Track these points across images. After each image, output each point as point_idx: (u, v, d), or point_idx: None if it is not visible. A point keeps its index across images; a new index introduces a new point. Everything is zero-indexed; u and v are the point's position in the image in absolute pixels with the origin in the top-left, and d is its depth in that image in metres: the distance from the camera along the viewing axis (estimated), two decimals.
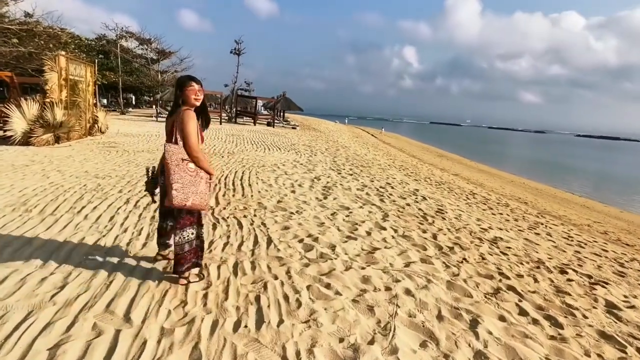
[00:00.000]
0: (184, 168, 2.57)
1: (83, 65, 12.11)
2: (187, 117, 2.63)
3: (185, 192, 2.54)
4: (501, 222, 6.73)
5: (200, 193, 2.62)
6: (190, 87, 2.70)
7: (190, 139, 2.60)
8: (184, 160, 2.60)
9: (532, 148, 58.50)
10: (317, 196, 6.43)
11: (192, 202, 2.57)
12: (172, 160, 2.56)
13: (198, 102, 2.75)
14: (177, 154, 2.58)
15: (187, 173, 2.57)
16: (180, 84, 2.73)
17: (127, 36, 33.22)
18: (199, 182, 2.64)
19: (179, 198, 2.53)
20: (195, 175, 2.62)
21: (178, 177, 2.54)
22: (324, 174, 8.78)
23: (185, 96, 2.70)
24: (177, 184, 2.53)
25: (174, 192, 2.52)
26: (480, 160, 30.89)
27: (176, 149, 2.60)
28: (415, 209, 6.57)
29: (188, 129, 2.61)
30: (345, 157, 13.07)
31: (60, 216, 4.27)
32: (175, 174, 2.54)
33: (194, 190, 2.58)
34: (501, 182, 18.86)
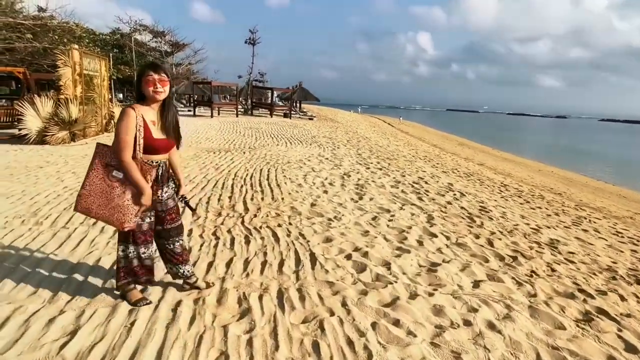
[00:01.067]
0: (103, 174, 2.18)
1: (98, 60, 11.64)
2: (123, 114, 2.16)
3: (90, 202, 2.18)
4: (545, 219, 6.10)
5: (114, 207, 2.18)
6: (148, 77, 2.19)
7: (118, 142, 2.13)
8: (109, 167, 2.19)
9: (555, 134, 56.46)
10: (351, 196, 5.82)
11: (97, 213, 2.19)
12: (93, 162, 2.20)
13: (159, 96, 2.24)
14: (103, 157, 2.20)
15: (104, 181, 2.18)
16: (138, 73, 2.26)
17: (141, 29, 32.81)
18: (117, 196, 2.18)
19: (80, 205, 2.20)
20: (116, 187, 2.18)
21: (88, 182, 2.19)
22: (352, 169, 8.15)
23: (144, 88, 2.22)
24: (83, 190, 2.19)
25: (78, 198, 2.21)
26: (502, 148, 29.75)
27: (106, 152, 2.21)
28: (458, 208, 5.95)
29: (119, 129, 2.14)
30: (369, 149, 12.42)
31: (74, 229, 3.76)
32: (87, 178, 2.19)
33: (103, 203, 2.17)
34: (529, 171, 17.94)
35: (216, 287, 2.75)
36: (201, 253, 3.35)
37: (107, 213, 2.16)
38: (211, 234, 3.80)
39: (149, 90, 2.19)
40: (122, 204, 2.16)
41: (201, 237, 3.71)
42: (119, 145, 2.12)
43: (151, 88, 2.19)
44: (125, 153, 2.12)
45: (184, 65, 35.31)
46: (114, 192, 2.16)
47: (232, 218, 4.31)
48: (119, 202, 2.16)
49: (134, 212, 2.20)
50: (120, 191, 2.17)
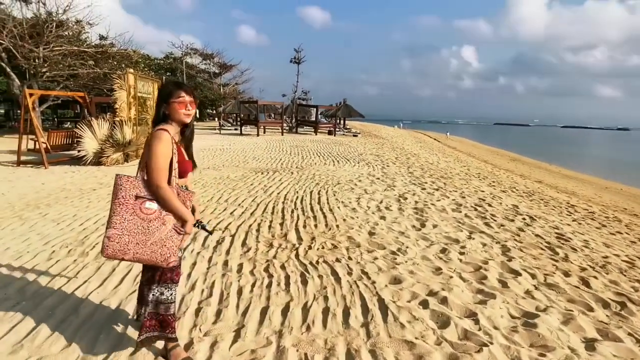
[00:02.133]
0: (134, 209, 1.84)
1: (151, 82, 11.92)
2: (157, 139, 1.87)
3: (124, 242, 1.80)
4: (631, 247, 5.21)
5: (154, 243, 1.84)
6: (179, 98, 1.94)
7: (154, 170, 1.84)
8: (139, 199, 1.85)
9: (617, 148, 51.93)
10: (412, 223, 5.22)
11: (134, 255, 1.82)
12: (118, 197, 1.84)
13: (188, 119, 2.00)
14: (130, 189, 1.85)
15: (137, 216, 1.84)
16: (165, 94, 1.98)
17: (192, 53, 34.24)
18: (157, 229, 1.85)
19: (111, 248, 1.80)
20: (153, 220, 1.86)
21: (119, 220, 1.81)
22: (407, 190, 7.53)
23: (172, 110, 1.95)
24: (114, 230, 1.80)
25: (106, 241, 1.80)
26: (560, 163, 27.62)
27: (129, 183, 1.86)
28: (533, 236, 5.18)
29: (155, 155, 1.84)
30: (420, 167, 11.71)
31: (118, 263, 3.46)
32: (115, 215, 1.82)
33: (141, 240, 1.82)
34: (594, 189, 16.29)
35: (273, 346, 2.27)
36: (253, 295, 2.91)
37: (148, 251, 1.84)
38: (263, 270, 3.37)
39: (179, 113, 1.94)
40: (164, 238, 1.86)
41: (252, 274, 3.28)
42: (156, 172, 1.84)
43: (183, 110, 1.95)
44: (163, 179, 1.86)
45: (231, 85, 36.32)
46: (152, 226, 1.85)
47: (285, 250, 3.86)
48: (160, 236, 1.85)
49: (177, 244, 1.91)
50: (159, 223, 1.86)
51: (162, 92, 1.99)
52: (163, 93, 1.98)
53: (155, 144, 1.84)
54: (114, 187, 1.86)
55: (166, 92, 1.97)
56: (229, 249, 3.86)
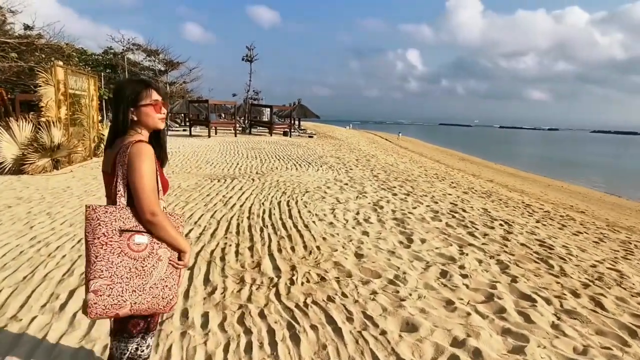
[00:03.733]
0: (121, 247, 1.40)
1: (85, 78, 10.38)
2: (141, 154, 1.43)
3: (117, 293, 1.38)
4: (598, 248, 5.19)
5: (154, 287, 1.44)
6: (152, 100, 1.53)
7: (146, 194, 1.41)
8: (125, 233, 1.42)
9: (551, 146, 55.70)
10: (398, 238, 4.58)
11: (132, 307, 1.40)
12: (97, 235, 1.39)
13: (162, 124, 1.59)
14: (111, 222, 1.40)
15: (127, 256, 1.40)
16: (131, 96, 1.51)
17: (134, 48, 31.67)
18: (154, 268, 1.44)
19: (101, 305, 1.36)
20: (147, 257, 1.43)
21: (105, 266, 1.38)
22: (379, 197, 6.94)
23: (143, 115, 1.52)
24: (101, 281, 1.37)
25: (92, 297, 1.36)
26: (503, 162, 28.85)
27: (109, 215, 1.40)
28: (518, 245, 4.91)
29: (142, 176, 1.41)
30: (382, 170, 11.27)
31: (32, 319, 2.44)
32: (99, 260, 1.38)
33: (138, 286, 1.41)
34: (539, 187, 16.93)
35: None
36: None
37: (148, 298, 1.43)
38: (237, 323, 2.51)
39: (154, 118, 1.53)
40: (164, 276, 1.47)
41: (223, 330, 2.41)
42: (147, 196, 1.42)
43: (157, 114, 1.54)
44: (157, 204, 1.44)
45: (179, 84, 34.14)
46: (147, 265, 1.44)
47: (262, 288, 3.01)
48: (159, 276, 1.46)
49: (177, 281, 1.52)
50: (154, 260, 1.45)
51: (125, 93, 1.50)
52: (128, 94, 1.50)
53: (140, 161, 1.41)
54: (89, 223, 1.39)
55: (133, 93, 1.50)
56: (188, 290, 2.94)
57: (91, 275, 1.37)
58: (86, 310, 1.37)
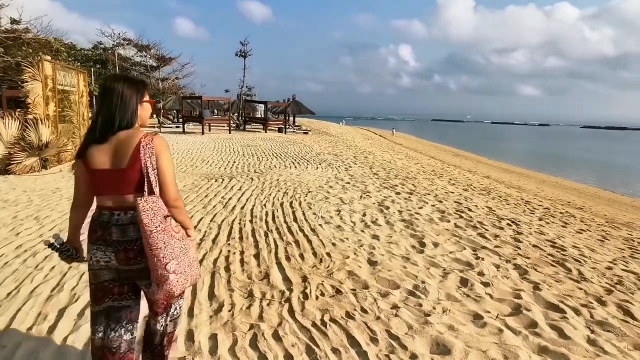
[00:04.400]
0: (168, 231, 1.47)
1: (74, 73, 9.95)
2: (167, 146, 1.54)
3: (184, 270, 1.48)
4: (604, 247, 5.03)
5: (194, 261, 1.56)
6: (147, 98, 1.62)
7: (174, 182, 1.54)
8: (168, 218, 1.50)
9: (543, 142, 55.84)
10: (410, 242, 4.33)
11: (192, 279, 1.53)
12: (157, 224, 1.43)
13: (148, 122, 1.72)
14: (159, 209, 1.45)
15: (175, 238, 1.49)
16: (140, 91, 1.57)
17: (125, 44, 30.93)
18: (189, 246, 1.56)
19: (181, 282, 1.47)
20: (183, 237, 1.55)
21: (170, 249, 1.45)
22: (384, 197, 6.69)
23: (144, 111, 1.60)
24: (174, 262, 1.45)
25: (172, 277, 1.43)
26: (497, 158, 28.85)
27: (155, 204, 1.45)
28: (531, 247, 4.69)
29: (171, 167, 1.53)
30: (382, 167, 11.04)
31: (18, 346, 2.14)
32: (167, 247, 1.44)
33: (188, 262, 1.51)
34: (535, 183, 16.86)
35: None
36: None
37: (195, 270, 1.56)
38: (249, 347, 2.23)
39: (148, 115, 1.64)
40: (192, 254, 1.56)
41: (235, 357, 2.13)
42: (175, 184, 1.55)
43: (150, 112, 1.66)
44: (178, 192, 1.57)
45: (171, 80, 33.49)
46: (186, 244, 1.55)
47: (274, 303, 2.73)
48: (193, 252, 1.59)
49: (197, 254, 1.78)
50: (186, 240, 1.57)
51: (137, 88, 1.57)
52: (138, 90, 1.57)
53: (168, 152, 1.54)
54: (145, 215, 1.41)
55: (143, 88, 1.60)
56: (192, 306, 2.65)
57: (167, 259, 1.43)
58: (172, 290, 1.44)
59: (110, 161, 1.46)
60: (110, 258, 1.48)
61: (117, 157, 1.46)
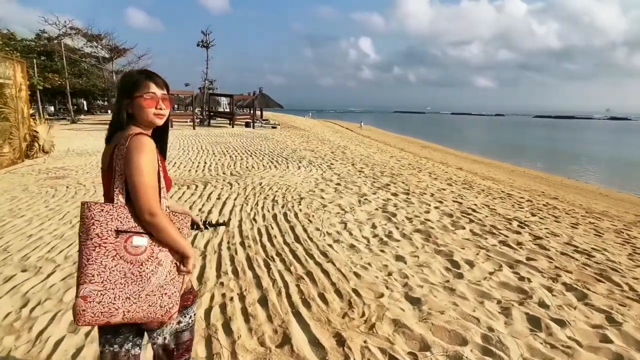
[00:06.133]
0: (117, 249, 1.18)
1: (8, 63, 8.32)
2: (139, 147, 1.23)
3: (109, 300, 1.14)
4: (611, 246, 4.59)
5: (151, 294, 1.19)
6: (147, 94, 1.30)
7: (145, 191, 1.20)
8: (122, 234, 1.19)
9: (500, 131, 57.41)
10: (441, 263, 3.55)
11: (125, 315, 1.17)
12: (91, 236, 1.17)
13: (160, 121, 1.34)
14: (106, 222, 1.18)
15: (123, 259, 1.17)
16: (127, 86, 1.32)
17: (73, 33, 28.07)
18: (152, 273, 1.21)
19: (90, 312, 1.13)
20: (145, 261, 1.20)
21: (97, 270, 1.15)
22: (383, 200, 5.91)
23: (137, 108, 1.30)
24: (91, 286, 1.14)
25: (80, 303, 1.13)
26: (463, 148, 29.06)
27: (105, 213, 1.18)
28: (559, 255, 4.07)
29: (140, 171, 1.21)
30: (363, 164, 10.31)
31: None
32: (91, 263, 1.15)
33: (134, 292, 1.17)
34: (504, 173, 16.83)
35: None
36: None
37: (144, 306, 1.18)
38: None
39: (147, 113, 1.30)
40: (164, 283, 1.22)
41: None
42: (146, 193, 1.20)
43: (152, 109, 1.30)
44: (156, 203, 1.22)
45: None
46: (145, 270, 1.19)
47: None
48: (158, 282, 1.21)
49: (179, 288, 1.27)
50: (154, 264, 1.21)
51: (123, 83, 1.34)
52: (125, 84, 1.33)
53: (138, 155, 1.22)
54: (83, 222, 1.18)
55: (129, 83, 1.32)
56: None
57: (81, 279, 1.16)
58: (75, 317, 1.14)
59: (104, 161, 1.32)
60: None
61: (106, 157, 1.31)
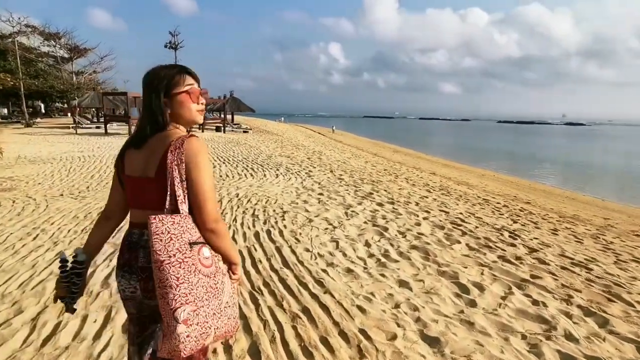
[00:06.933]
0: (195, 264, 1.04)
1: None
2: (202, 152, 1.13)
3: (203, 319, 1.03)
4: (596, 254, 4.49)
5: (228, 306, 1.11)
6: (186, 86, 1.19)
7: (212, 197, 1.12)
8: (195, 246, 1.07)
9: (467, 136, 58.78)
10: (449, 288, 3.17)
11: (216, 333, 1.06)
12: (171, 252, 1.02)
13: (201, 118, 1.26)
14: (181, 234, 1.04)
15: (201, 273, 1.05)
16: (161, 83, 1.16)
17: (28, 31, 26.15)
18: (223, 284, 1.11)
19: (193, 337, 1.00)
20: (216, 272, 1.10)
21: (187, 289, 1.02)
22: (370, 211, 5.54)
23: (179, 106, 1.18)
24: (188, 307, 1.00)
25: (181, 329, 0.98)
26: (432, 152, 29.40)
27: (177, 226, 1.05)
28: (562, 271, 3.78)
29: (206, 176, 1.12)
30: (341, 170, 9.96)
31: None
32: (182, 283, 1.01)
33: (217, 307, 1.07)
34: (476, 177, 17.03)
35: None
36: None
37: (225, 320, 1.09)
38: None
39: (191, 109, 1.19)
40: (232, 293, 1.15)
41: None
42: (212, 200, 1.11)
43: (195, 104, 1.21)
44: (218, 211, 1.14)
45: (87, 74, 29.19)
46: (218, 281, 1.09)
47: None
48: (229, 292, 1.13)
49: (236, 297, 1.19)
50: (220, 275, 1.11)
51: (157, 81, 1.16)
52: (160, 81, 1.16)
53: (203, 159, 1.12)
54: (158, 239, 1.01)
55: (165, 78, 1.16)
56: None
57: (177, 302, 1.00)
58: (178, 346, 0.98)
59: (141, 168, 1.16)
60: (136, 287, 1.12)
61: (146, 163, 1.15)
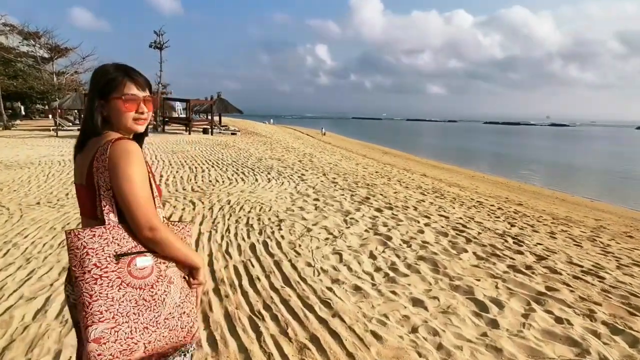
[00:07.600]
0: (121, 276, 0.98)
1: None
2: (128, 155, 1.03)
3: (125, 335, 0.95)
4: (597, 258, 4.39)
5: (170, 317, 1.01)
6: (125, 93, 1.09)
7: (140, 204, 1.00)
8: (123, 258, 0.99)
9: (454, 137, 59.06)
10: (466, 306, 2.92)
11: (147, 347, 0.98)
12: (87, 268, 0.97)
13: (141, 127, 1.14)
14: (102, 248, 0.98)
15: (130, 286, 0.97)
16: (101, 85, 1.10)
17: (7, 30, 25.14)
18: (166, 294, 1.02)
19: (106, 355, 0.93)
20: (156, 282, 1.00)
21: (103, 306, 0.95)
22: (370, 218, 5.27)
23: (115, 112, 1.10)
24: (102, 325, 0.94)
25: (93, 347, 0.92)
26: (421, 154, 29.41)
27: (98, 239, 0.98)
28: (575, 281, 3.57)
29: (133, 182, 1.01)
30: (335, 173, 9.68)
31: None
32: (95, 300, 0.95)
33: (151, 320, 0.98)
34: (466, 179, 16.98)
35: None
36: None
37: (165, 332, 0.99)
38: None
39: (126, 117, 1.10)
40: (180, 301, 1.04)
41: None
42: (143, 206, 1.00)
43: (132, 113, 1.10)
44: (155, 216, 1.02)
45: (69, 74, 28.25)
46: (157, 292, 1.00)
47: None
48: (174, 302, 1.02)
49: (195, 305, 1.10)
50: (165, 283, 1.02)
51: (97, 81, 1.10)
52: (99, 82, 1.09)
53: (127, 163, 1.01)
54: (73, 255, 0.96)
55: (104, 81, 1.09)
56: None
57: (88, 320, 0.94)
58: None
59: (78, 174, 1.10)
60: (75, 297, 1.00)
61: (82, 169, 1.08)
